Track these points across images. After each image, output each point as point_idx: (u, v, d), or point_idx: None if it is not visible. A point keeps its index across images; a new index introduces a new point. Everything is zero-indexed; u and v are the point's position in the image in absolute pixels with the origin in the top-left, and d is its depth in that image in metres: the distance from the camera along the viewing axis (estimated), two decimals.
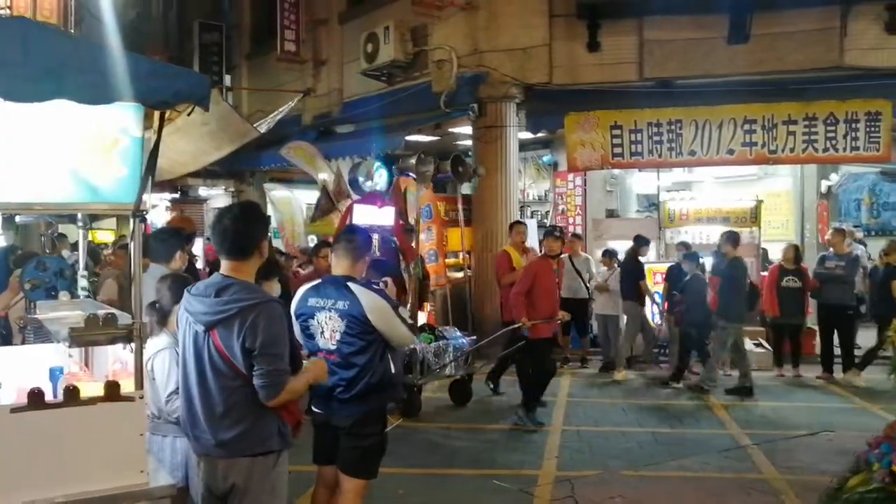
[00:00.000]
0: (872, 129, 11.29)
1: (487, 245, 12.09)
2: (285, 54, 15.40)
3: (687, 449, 7.08)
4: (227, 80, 18.56)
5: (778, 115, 11.47)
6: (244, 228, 3.39)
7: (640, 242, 11.23)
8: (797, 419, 8.25)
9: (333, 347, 4.17)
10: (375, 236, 10.14)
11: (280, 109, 14.23)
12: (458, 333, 9.20)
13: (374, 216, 9.52)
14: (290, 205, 17.49)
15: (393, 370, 4.26)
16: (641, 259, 11.22)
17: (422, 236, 12.17)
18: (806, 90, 11.50)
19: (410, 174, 9.14)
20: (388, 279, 7.17)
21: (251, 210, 3.55)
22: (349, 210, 9.33)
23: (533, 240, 14.81)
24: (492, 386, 9.46)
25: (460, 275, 12.67)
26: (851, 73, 11.16)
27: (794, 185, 15.00)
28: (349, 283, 4.18)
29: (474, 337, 9.33)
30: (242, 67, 18.83)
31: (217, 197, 20.70)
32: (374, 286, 4.36)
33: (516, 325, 7.98)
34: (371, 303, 4.11)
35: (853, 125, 11.31)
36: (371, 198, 9.64)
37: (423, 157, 9.20)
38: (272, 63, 16.19)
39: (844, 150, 11.48)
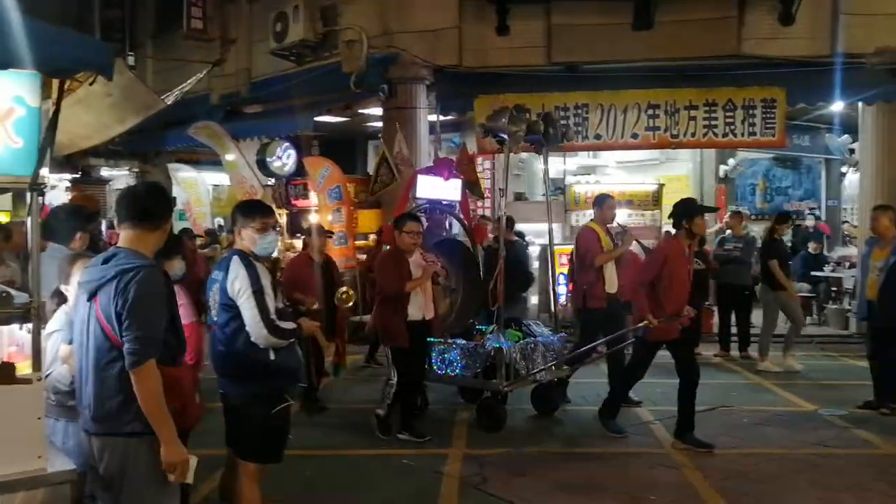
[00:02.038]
0: (768, 115, 11.83)
1: None
2: (192, 32, 14.93)
3: (592, 426, 7.24)
4: (132, 59, 17.88)
5: (680, 101, 11.86)
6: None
7: (780, 220, 10.41)
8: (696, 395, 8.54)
9: (215, 319, 4.15)
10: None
11: (188, 81, 13.84)
12: (546, 329, 8.00)
13: (439, 189, 8.30)
14: (195, 185, 17.09)
15: (272, 356, 4.08)
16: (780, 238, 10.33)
17: (329, 217, 12.07)
18: (706, 77, 11.92)
19: (502, 135, 7.56)
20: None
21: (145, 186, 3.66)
22: (411, 181, 8.21)
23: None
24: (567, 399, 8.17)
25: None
26: (748, 61, 11.62)
27: (693, 170, 15.54)
28: (233, 256, 4.12)
29: (563, 334, 8.04)
30: (147, 46, 18.17)
31: (120, 178, 20.01)
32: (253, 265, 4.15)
33: (641, 325, 6.56)
34: (233, 275, 4.02)
35: (750, 111, 11.82)
36: (438, 167, 8.42)
37: (515, 114, 7.58)
38: (178, 41, 15.71)
39: (742, 135, 11.98)
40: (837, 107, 13.40)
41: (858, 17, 11.38)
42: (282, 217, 13.30)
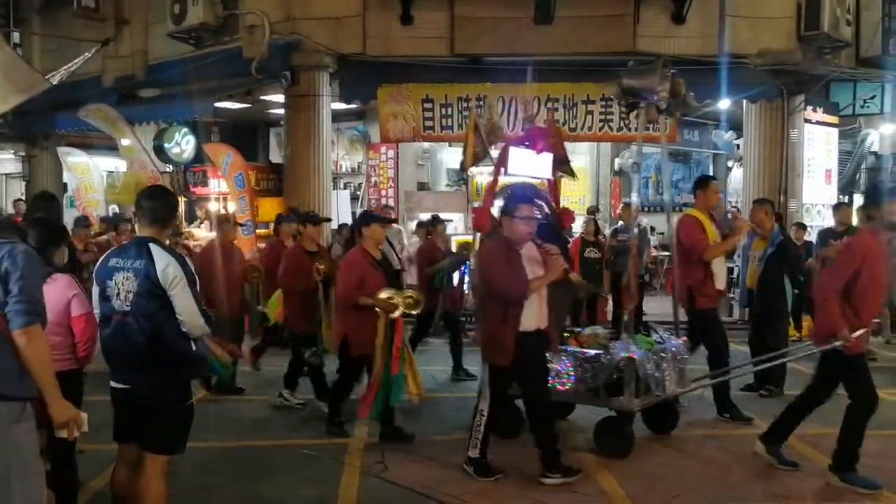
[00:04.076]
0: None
1: None
2: (83, 10, 14.34)
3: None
4: (17, 36, 17.03)
5: (578, 95, 12.19)
6: None
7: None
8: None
9: (127, 309, 3.98)
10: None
11: (75, 61, 13.30)
12: (668, 334, 6.73)
13: (530, 165, 7.04)
14: (88, 171, 16.48)
15: (194, 347, 4.09)
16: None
17: (235, 206, 11.93)
18: (603, 72, 12.24)
19: (646, 95, 6.20)
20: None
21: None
22: (505, 154, 6.94)
23: (345, 214, 14.92)
24: (727, 415, 7.09)
25: None
26: (643, 58, 11.98)
27: (590, 163, 16.00)
28: (150, 244, 4.02)
29: (685, 339, 6.78)
30: (33, 22, 17.32)
31: (5, 161, 19.13)
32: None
33: (837, 343, 5.23)
34: (165, 265, 3.94)
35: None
36: (531, 138, 7.11)
37: (665, 71, 6.20)
38: (68, 19, 15.06)
39: (636, 129, 12.37)
40: (724, 104, 14.04)
41: (743, 20, 11.99)
42: (179, 205, 13.01)
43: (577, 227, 13.28)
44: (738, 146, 16.41)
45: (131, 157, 13.95)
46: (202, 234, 13.55)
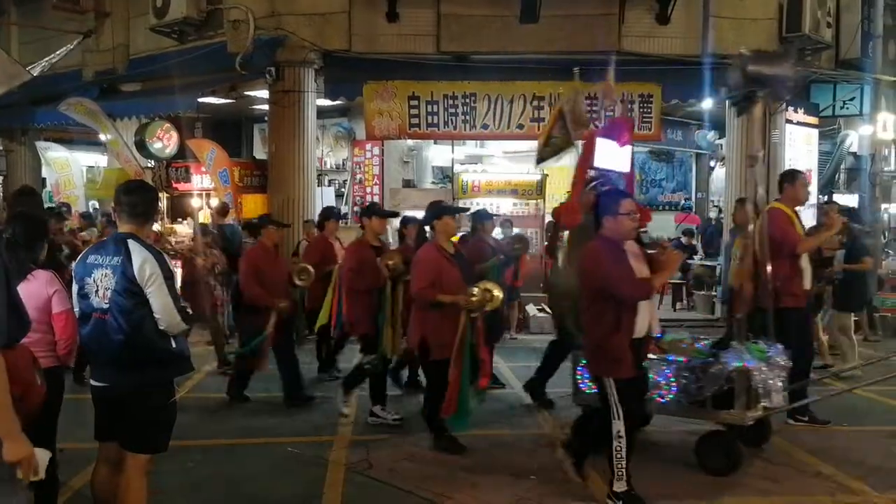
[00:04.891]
0: (645, 110, 12.35)
1: (285, 213, 11.96)
2: (62, 2, 14.21)
3: (480, 410, 7.41)
4: None
5: (564, 93, 12.19)
6: None
7: None
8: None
9: (106, 306, 3.92)
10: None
11: (57, 53, 13.15)
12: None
13: (613, 157, 6.45)
14: (67, 166, 16.33)
15: (174, 344, 4.03)
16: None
17: (216, 203, 11.83)
18: (589, 71, 12.27)
19: (780, 84, 5.87)
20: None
21: None
22: (590, 144, 6.38)
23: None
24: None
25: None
26: (628, 57, 12.07)
27: (575, 161, 15.97)
28: (129, 240, 3.96)
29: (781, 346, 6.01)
30: (11, 14, 17.13)
31: None
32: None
33: None
34: (142, 261, 3.88)
35: (629, 105, 12.28)
36: (618, 128, 6.59)
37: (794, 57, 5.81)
38: (48, 12, 14.91)
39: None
40: (707, 104, 14.12)
41: (727, 21, 12.07)
42: (162, 201, 12.91)
43: None
44: (720, 146, 16.50)
45: (116, 150, 13.82)
46: (187, 231, 13.45)
